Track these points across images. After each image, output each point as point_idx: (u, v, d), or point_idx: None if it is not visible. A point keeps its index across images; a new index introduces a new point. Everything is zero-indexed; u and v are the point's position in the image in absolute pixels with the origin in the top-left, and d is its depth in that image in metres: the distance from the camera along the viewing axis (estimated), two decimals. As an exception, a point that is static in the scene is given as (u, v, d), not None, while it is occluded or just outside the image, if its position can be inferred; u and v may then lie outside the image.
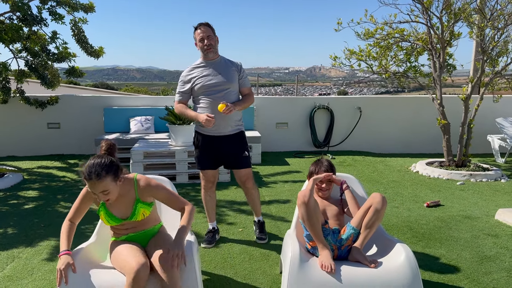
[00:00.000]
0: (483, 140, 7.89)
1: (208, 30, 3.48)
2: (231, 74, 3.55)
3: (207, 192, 3.82)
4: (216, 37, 3.56)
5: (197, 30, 3.49)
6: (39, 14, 6.48)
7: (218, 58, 3.59)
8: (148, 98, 8.33)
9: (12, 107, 7.61)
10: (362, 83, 8.50)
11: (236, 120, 3.63)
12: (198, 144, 3.70)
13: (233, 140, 3.62)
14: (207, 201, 3.85)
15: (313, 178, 2.87)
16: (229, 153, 3.64)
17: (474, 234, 4.03)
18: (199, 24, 3.49)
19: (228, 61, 3.64)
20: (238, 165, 3.68)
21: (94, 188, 2.33)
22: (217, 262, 3.43)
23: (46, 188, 5.61)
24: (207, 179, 3.76)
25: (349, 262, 2.59)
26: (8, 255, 3.55)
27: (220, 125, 3.53)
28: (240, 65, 3.66)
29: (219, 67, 3.55)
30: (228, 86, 3.52)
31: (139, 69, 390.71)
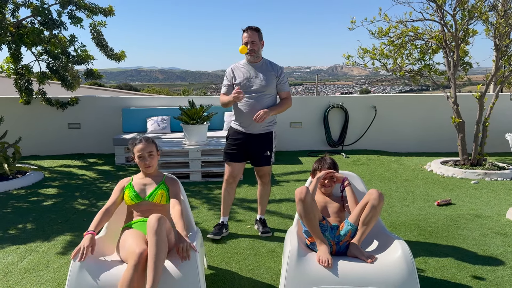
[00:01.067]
0: (501, 139, 7.76)
1: (254, 35, 3.69)
2: (269, 78, 3.76)
3: (227, 187, 4.00)
4: (262, 42, 3.77)
5: (244, 33, 3.71)
6: (59, 18, 6.71)
7: (260, 62, 3.81)
8: (164, 98, 8.51)
9: (35, 108, 7.89)
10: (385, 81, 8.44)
11: (268, 121, 3.85)
12: (228, 137, 3.95)
13: (259, 139, 3.86)
14: (225, 196, 4.04)
15: (316, 177, 2.94)
16: (253, 150, 3.88)
17: (483, 232, 4.02)
18: (248, 27, 3.71)
19: (269, 65, 3.83)
20: (259, 163, 3.95)
21: (144, 148, 2.90)
22: (224, 257, 3.52)
23: (65, 186, 5.81)
24: (230, 172, 3.94)
25: (347, 257, 2.64)
26: (26, 248, 3.73)
27: (252, 124, 3.77)
28: (281, 70, 3.85)
29: (259, 70, 3.77)
30: (264, 89, 3.75)
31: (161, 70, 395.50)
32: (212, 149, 6.10)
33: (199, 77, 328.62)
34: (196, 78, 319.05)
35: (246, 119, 3.79)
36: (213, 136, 6.98)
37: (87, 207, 4.89)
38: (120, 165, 7.09)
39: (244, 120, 3.80)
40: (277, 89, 3.85)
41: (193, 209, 4.70)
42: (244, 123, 3.82)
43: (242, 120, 3.83)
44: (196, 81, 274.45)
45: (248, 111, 3.74)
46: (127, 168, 6.83)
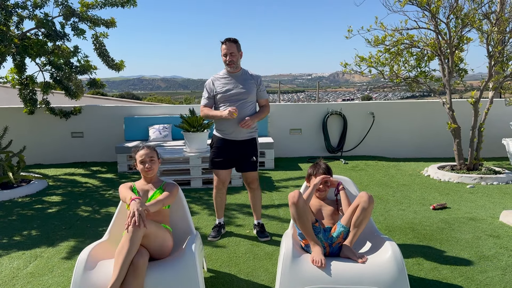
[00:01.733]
0: (498, 144, 7.86)
1: (232, 47, 3.84)
2: (249, 86, 3.95)
3: (218, 192, 4.18)
4: (240, 53, 3.93)
5: (223, 45, 3.86)
6: (62, 29, 6.87)
7: (239, 71, 3.98)
8: (166, 107, 8.65)
9: (39, 118, 8.04)
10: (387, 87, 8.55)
11: (251, 127, 3.99)
12: (213, 146, 4.09)
13: (244, 145, 4.01)
14: (217, 201, 4.23)
15: (313, 184, 3.05)
16: (239, 156, 4.02)
17: (476, 235, 4.11)
18: (226, 39, 3.86)
19: (248, 74, 4.02)
20: (246, 168, 4.07)
21: (146, 154, 3.07)
22: (223, 260, 3.63)
23: (68, 194, 5.94)
24: (219, 179, 4.12)
25: (339, 258, 2.75)
26: (32, 254, 3.85)
27: (235, 131, 3.93)
28: (259, 79, 4.05)
29: (239, 80, 3.95)
30: (246, 96, 3.93)
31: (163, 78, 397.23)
32: (212, 156, 6.22)
33: (201, 85, 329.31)
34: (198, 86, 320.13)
35: (229, 126, 3.92)
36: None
37: (90, 214, 5.01)
38: (122, 172, 7.21)
39: (228, 127, 3.94)
40: (257, 96, 4.03)
41: (194, 215, 4.82)
42: (228, 130, 3.95)
43: (226, 128, 3.96)
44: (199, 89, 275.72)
45: (232, 120, 3.86)
46: (129, 176, 6.96)
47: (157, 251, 2.75)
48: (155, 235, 2.70)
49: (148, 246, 2.68)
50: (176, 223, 3.20)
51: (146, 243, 2.67)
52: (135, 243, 2.53)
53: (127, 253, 2.49)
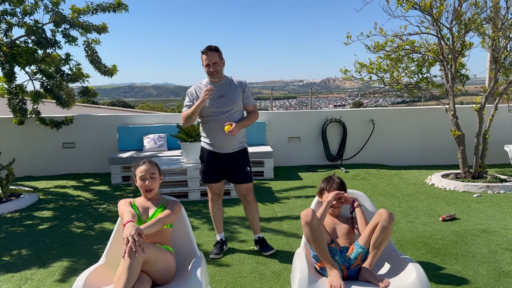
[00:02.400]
0: (500, 150, 7.72)
1: (214, 56, 3.62)
2: (235, 95, 3.74)
3: (214, 204, 4.02)
4: (223, 61, 3.72)
5: (204, 56, 3.64)
6: (53, 37, 6.64)
7: (223, 80, 3.77)
8: (160, 116, 8.42)
9: (29, 128, 7.76)
10: (378, 93, 8.42)
11: (240, 138, 3.81)
12: (203, 159, 3.90)
13: (236, 157, 3.82)
14: (214, 213, 4.04)
15: (327, 201, 2.83)
16: (231, 168, 3.84)
17: (492, 249, 3.93)
18: (206, 49, 3.63)
19: (233, 81, 3.80)
20: (240, 180, 3.87)
21: (147, 170, 2.84)
22: (228, 281, 3.40)
23: (60, 208, 5.67)
24: (213, 191, 3.97)
25: (359, 281, 2.54)
26: (21, 276, 3.58)
27: (224, 144, 3.75)
28: (245, 84, 3.84)
29: (223, 89, 3.73)
30: (232, 107, 3.72)
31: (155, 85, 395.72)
32: (210, 167, 5.99)
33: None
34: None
35: (218, 139, 3.72)
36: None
37: (84, 230, 4.75)
38: (116, 184, 6.96)
39: (217, 140, 3.74)
40: (243, 103, 3.82)
41: (193, 230, 4.54)
42: (217, 143, 3.75)
43: (215, 141, 3.76)
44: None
45: (219, 131, 3.67)
46: (124, 188, 6.70)
47: (159, 276, 2.52)
48: (156, 259, 2.47)
49: (149, 272, 2.45)
50: (178, 244, 2.97)
51: (147, 269, 2.44)
52: (133, 271, 2.29)
53: (125, 283, 2.25)
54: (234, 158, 3.80)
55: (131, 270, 2.28)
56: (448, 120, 7.61)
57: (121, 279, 2.26)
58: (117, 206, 2.85)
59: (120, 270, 2.30)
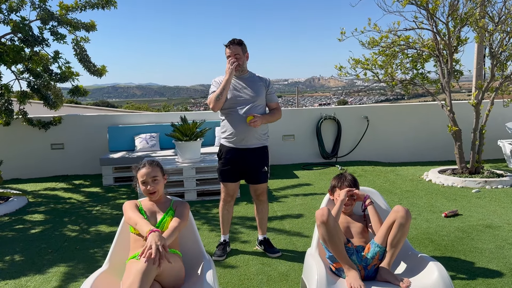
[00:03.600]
0: (493, 145, 7.74)
1: (237, 49, 3.57)
2: (258, 89, 3.67)
3: (225, 206, 3.88)
4: (246, 54, 3.66)
5: (227, 49, 3.60)
6: (41, 34, 6.41)
7: (247, 74, 3.72)
8: (152, 115, 8.24)
9: (15, 129, 7.52)
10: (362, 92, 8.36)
11: (262, 133, 3.71)
12: (221, 156, 3.77)
13: (255, 154, 3.70)
14: (224, 215, 3.90)
15: (340, 200, 2.73)
16: (250, 167, 3.71)
17: (498, 244, 3.88)
18: (230, 42, 3.59)
19: (257, 76, 3.75)
20: (257, 180, 3.76)
21: (148, 173, 2.67)
22: (234, 284, 3.28)
23: (52, 211, 5.47)
24: (227, 192, 3.82)
25: (377, 282, 2.45)
26: (16, 284, 3.41)
27: (246, 137, 3.62)
28: (268, 81, 3.77)
29: (247, 82, 3.67)
30: (255, 100, 3.63)
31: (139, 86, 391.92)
32: (206, 166, 5.86)
33: (177, 92, 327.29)
34: (175, 93, 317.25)
35: (240, 133, 3.61)
36: (205, 152, 6.73)
37: (79, 234, 4.57)
38: (108, 186, 6.77)
39: (237, 134, 3.62)
40: (266, 99, 3.73)
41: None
42: (238, 137, 3.63)
43: (235, 135, 3.64)
44: (175, 96, 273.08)
45: (241, 125, 3.59)
46: (116, 189, 6.52)
47: (170, 283, 2.38)
48: (170, 270, 2.33)
49: (160, 280, 2.31)
50: (185, 246, 2.84)
51: (160, 279, 2.29)
52: (146, 283, 2.13)
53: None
54: (253, 155, 3.68)
55: (143, 283, 2.13)
56: (442, 116, 7.61)
57: (133, 287, 2.11)
58: (122, 208, 2.70)
59: (131, 281, 2.14)
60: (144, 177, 2.68)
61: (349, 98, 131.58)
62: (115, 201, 5.81)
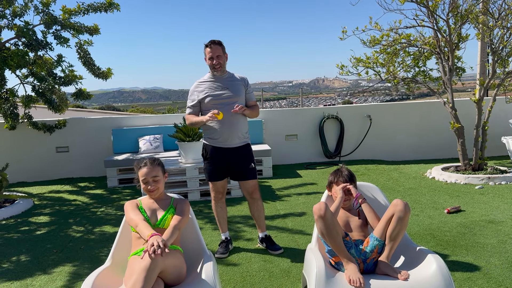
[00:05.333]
0: (497, 142, 7.72)
1: (218, 49, 3.63)
2: (238, 88, 3.74)
3: (218, 203, 3.93)
4: (226, 55, 3.71)
5: (207, 48, 3.64)
6: (44, 38, 6.49)
7: (226, 74, 3.77)
8: (155, 117, 8.29)
9: (21, 133, 7.60)
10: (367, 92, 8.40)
11: (243, 132, 3.78)
12: (207, 156, 3.83)
13: (240, 152, 3.76)
14: (218, 212, 3.95)
15: (339, 197, 2.74)
16: (236, 165, 3.77)
17: (501, 239, 3.88)
18: (210, 42, 3.64)
19: (235, 76, 3.80)
20: (245, 177, 3.80)
21: (149, 173, 2.69)
22: (236, 281, 3.30)
23: (57, 213, 5.53)
24: (216, 190, 3.88)
25: (376, 275, 2.46)
26: (21, 284, 3.46)
27: (228, 138, 3.68)
28: (246, 80, 3.84)
29: (226, 82, 3.73)
30: (236, 99, 3.69)
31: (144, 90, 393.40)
32: (209, 166, 5.89)
33: (182, 96, 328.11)
34: (180, 97, 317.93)
35: (224, 132, 3.66)
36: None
37: (84, 234, 4.62)
38: (112, 188, 6.82)
39: (221, 134, 3.67)
40: (245, 98, 3.80)
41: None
42: (221, 137, 3.69)
43: (219, 135, 3.69)
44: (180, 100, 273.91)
45: (225, 124, 3.64)
46: (120, 191, 6.57)
47: (173, 279, 2.41)
48: (173, 268, 2.36)
49: (164, 277, 2.34)
50: (186, 243, 2.87)
51: (163, 276, 2.32)
52: (149, 281, 2.17)
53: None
54: (238, 153, 3.74)
55: (147, 281, 2.16)
56: (445, 113, 7.60)
57: (136, 285, 2.14)
58: (124, 208, 2.74)
59: (135, 278, 2.16)
60: (145, 176, 2.72)
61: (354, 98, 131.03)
62: (119, 202, 5.86)
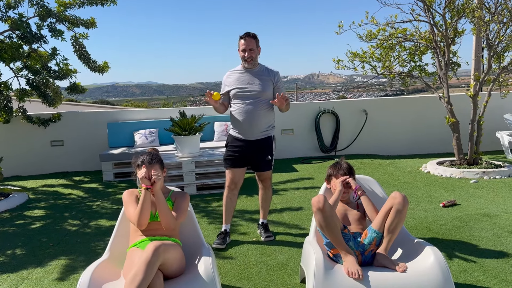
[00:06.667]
0: (492, 137, 7.77)
1: (252, 42, 3.69)
2: (265, 84, 3.77)
3: (229, 194, 3.96)
4: (259, 49, 3.78)
5: (241, 40, 3.72)
6: (39, 31, 6.42)
7: (256, 68, 3.82)
8: (151, 111, 8.26)
9: (15, 127, 7.54)
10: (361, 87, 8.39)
11: (265, 126, 3.82)
12: (228, 144, 3.93)
13: (259, 145, 3.84)
14: (227, 202, 3.97)
15: (338, 190, 2.76)
16: (254, 155, 3.86)
17: (496, 232, 3.91)
18: (245, 34, 3.71)
19: (266, 70, 3.84)
20: (260, 168, 3.93)
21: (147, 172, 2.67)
22: (234, 273, 3.31)
23: (52, 207, 5.50)
24: (232, 178, 3.91)
25: (374, 267, 2.47)
26: (18, 276, 3.44)
27: (248, 131, 3.77)
28: (277, 75, 3.86)
29: (255, 76, 3.78)
30: (261, 95, 3.74)
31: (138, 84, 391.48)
32: (206, 160, 5.89)
33: (177, 91, 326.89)
34: (174, 92, 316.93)
35: (244, 126, 3.76)
36: (204, 147, 6.76)
37: (79, 228, 4.60)
38: (108, 182, 6.79)
39: (243, 127, 3.78)
40: (274, 93, 3.80)
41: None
42: (243, 130, 3.79)
43: (241, 127, 3.80)
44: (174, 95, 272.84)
45: (246, 118, 3.74)
46: (116, 185, 6.54)
47: (172, 273, 2.41)
48: (173, 260, 2.36)
49: (164, 270, 2.34)
50: (184, 235, 2.86)
51: (163, 268, 2.32)
52: (151, 273, 2.17)
53: (139, 284, 2.13)
54: (257, 145, 3.82)
55: (147, 273, 2.15)
56: (439, 108, 7.64)
57: (136, 279, 2.13)
58: (122, 199, 2.73)
59: (135, 270, 2.15)
60: (143, 174, 2.69)
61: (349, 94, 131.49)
62: (115, 196, 5.84)
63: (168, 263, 2.32)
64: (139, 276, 2.14)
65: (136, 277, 2.14)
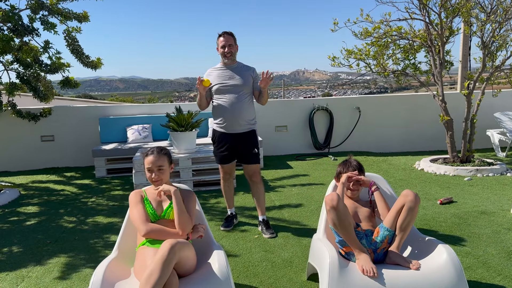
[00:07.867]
0: (482, 135, 7.89)
1: (230, 39, 3.91)
2: (246, 78, 3.97)
3: (226, 183, 4.24)
4: (236, 46, 3.99)
5: (220, 38, 3.92)
6: (31, 24, 6.28)
7: (235, 64, 4.02)
8: (144, 106, 8.16)
9: (4, 121, 7.38)
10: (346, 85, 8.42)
11: (248, 119, 3.99)
12: (215, 140, 4.10)
13: (244, 138, 4.00)
14: (225, 190, 4.27)
15: (341, 182, 2.77)
16: (240, 149, 4.02)
17: (494, 229, 3.97)
18: (224, 32, 3.92)
19: (244, 66, 4.05)
20: (248, 161, 4.05)
21: (154, 162, 2.66)
22: (240, 271, 3.29)
23: (46, 203, 5.40)
24: (225, 171, 4.18)
25: (387, 265, 2.48)
26: (17, 275, 3.37)
27: (232, 124, 3.93)
28: (255, 70, 4.08)
29: (235, 71, 3.98)
30: (242, 88, 3.95)
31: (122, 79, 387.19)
32: (202, 156, 5.84)
33: (161, 86, 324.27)
34: (159, 87, 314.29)
35: (228, 118, 3.92)
36: (200, 143, 6.71)
37: (76, 225, 4.53)
38: (101, 178, 6.69)
39: (226, 120, 3.93)
40: (253, 87, 4.01)
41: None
42: (227, 123, 3.94)
43: (224, 121, 3.95)
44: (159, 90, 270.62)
45: (229, 111, 3.90)
46: (109, 181, 6.45)
47: (184, 271, 2.38)
48: (186, 259, 2.33)
49: (178, 269, 2.30)
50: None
51: (177, 267, 2.28)
52: (167, 272, 2.13)
53: (156, 283, 2.09)
54: (243, 138, 3.98)
55: (164, 272, 2.11)
56: (432, 106, 7.73)
57: (151, 278, 2.09)
58: (129, 200, 2.69)
59: (151, 269, 2.11)
60: (150, 165, 2.68)
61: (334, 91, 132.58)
62: (110, 193, 5.76)
63: (183, 261, 2.29)
64: (155, 275, 2.10)
65: (152, 275, 2.11)
